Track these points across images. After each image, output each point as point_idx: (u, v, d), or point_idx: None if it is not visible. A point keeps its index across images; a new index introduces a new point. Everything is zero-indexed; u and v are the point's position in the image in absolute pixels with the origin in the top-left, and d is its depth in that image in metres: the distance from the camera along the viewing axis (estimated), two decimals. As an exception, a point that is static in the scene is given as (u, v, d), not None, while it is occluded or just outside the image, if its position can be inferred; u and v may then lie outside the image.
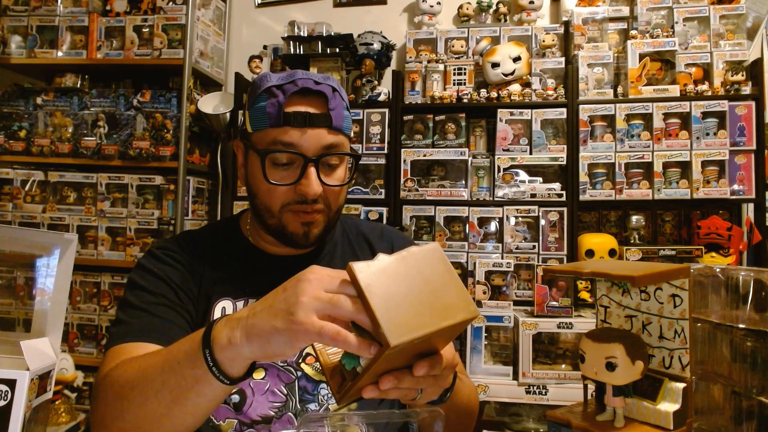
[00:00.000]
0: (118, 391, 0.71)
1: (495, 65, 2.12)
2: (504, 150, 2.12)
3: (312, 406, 0.89)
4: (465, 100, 2.18)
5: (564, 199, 2.07)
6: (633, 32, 2.15)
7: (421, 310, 0.54)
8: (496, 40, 2.25)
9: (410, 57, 2.32)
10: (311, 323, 0.55)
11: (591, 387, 0.67)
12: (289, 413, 0.87)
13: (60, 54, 2.41)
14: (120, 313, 0.87)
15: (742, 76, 2.02)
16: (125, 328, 0.84)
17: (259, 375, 0.88)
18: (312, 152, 0.87)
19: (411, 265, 0.57)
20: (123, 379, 0.72)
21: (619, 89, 2.13)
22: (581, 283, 1.92)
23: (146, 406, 0.67)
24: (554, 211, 2.07)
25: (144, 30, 2.38)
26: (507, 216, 2.10)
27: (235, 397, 0.87)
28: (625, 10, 2.26)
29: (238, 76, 2.41)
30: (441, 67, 2.24)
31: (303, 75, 0.88)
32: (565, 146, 2.09)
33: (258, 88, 0.89)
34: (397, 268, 0.56)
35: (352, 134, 0.96)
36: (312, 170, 0.86)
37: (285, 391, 0.88)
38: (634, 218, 2.19)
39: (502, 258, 2.06)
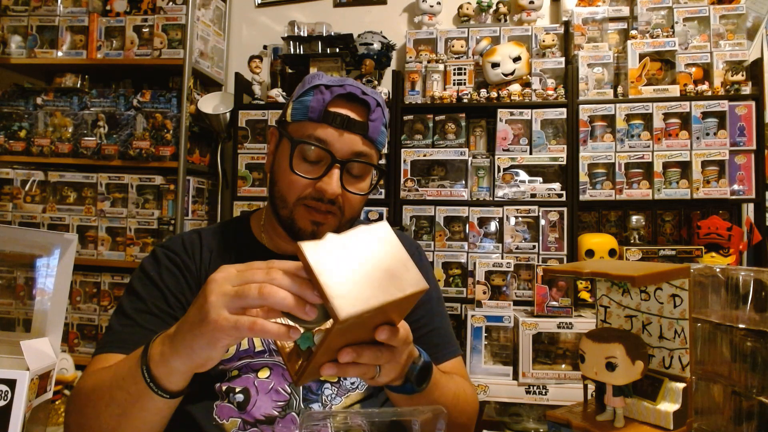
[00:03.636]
0: (81, 402, 0.75)
1: (495, 65, 2.12)
2: (504, 150, 2.12)
3: (315, 406, 0.89)
4: (465, 100, 2.18)
5: (564, 199, 2.07)
6: (633, 32, 2.15)
7: (371, 284, 0.55)
8: (496, 40, 2.25)
9: (410, 57, 2.31)
10: (224, 319, 0.57)
11: (591, 387, 0.67)
12: (293, 413, 0.88)
13: (60, 54, 2.41)
14: (113, 318, 0.91)
15: (742, 76, 2.02)
16: (111, 337, 0.87)
17: (263, 374, 0.89)
18: (342, 155, 0.88)
19: (360, 242, 0.58)
20: (84, 391, 0.76)
21: (619, 89, 2.13)
22: (581, 283, 1.92)
23: (100, 419, 0.70)
24: (554, 211, 2.07)
25: (144, 30, 2.38)
26: (507, 216, 2.10)
27: (240, 397, 0.87)
28: (625, 10, 2.26)
29: (238, 76, 2.41)
30: (441, 67, 2.24)
31: (353, 83, 0.91)
32: (565, 146, 2.09)
33: (307, 83, 0.92)
34: (346, 246, 0.57)
35: (384, 151, 0.97)
36: (336, 171, 0.88)
37: (289, 390, 0.89)
38: (634, 218, 2.19)
39: (502, 258, 2.06)
